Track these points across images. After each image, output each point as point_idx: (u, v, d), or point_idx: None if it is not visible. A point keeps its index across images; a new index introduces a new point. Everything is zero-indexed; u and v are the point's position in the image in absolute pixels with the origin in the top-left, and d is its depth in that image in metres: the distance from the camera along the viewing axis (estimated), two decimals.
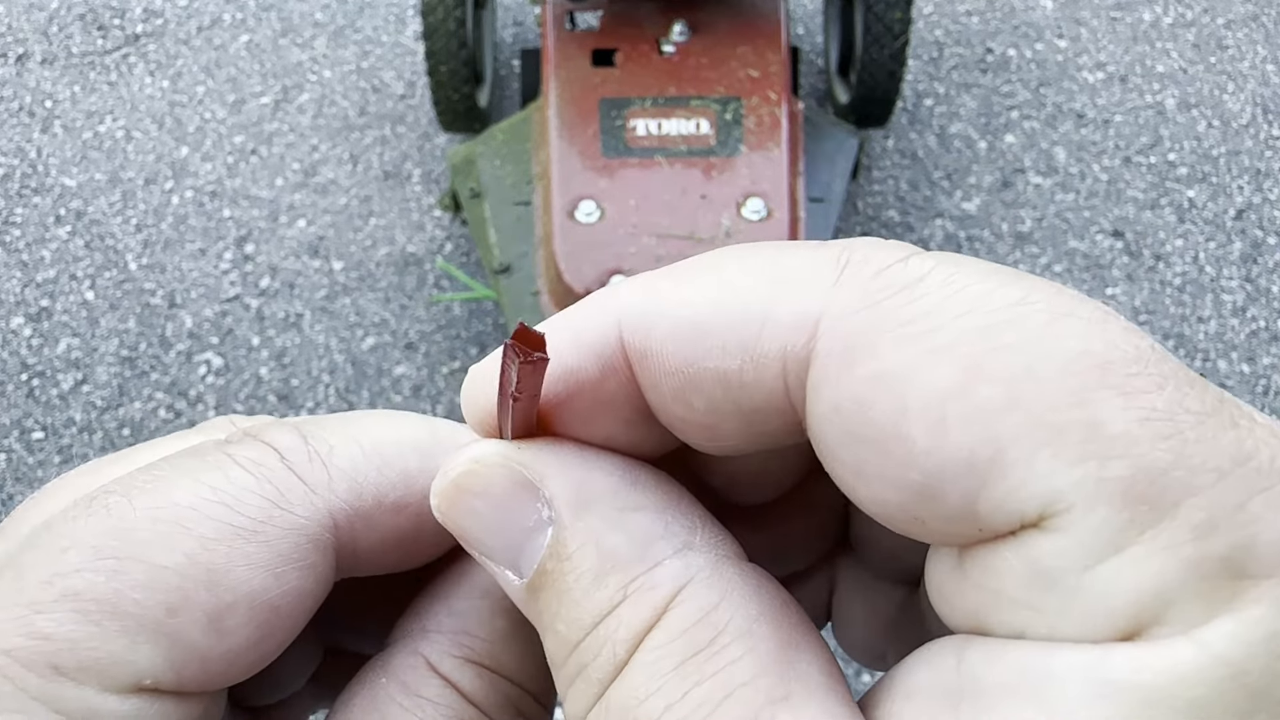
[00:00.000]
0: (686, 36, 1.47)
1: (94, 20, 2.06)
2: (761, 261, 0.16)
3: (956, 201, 1.74)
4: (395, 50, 1.99)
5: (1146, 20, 2.04)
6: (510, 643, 0.20)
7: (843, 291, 0.14)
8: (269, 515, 0.18)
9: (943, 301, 0.14)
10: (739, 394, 0.15)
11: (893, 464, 0.14)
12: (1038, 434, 0.13)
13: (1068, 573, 0.13)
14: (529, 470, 0.17)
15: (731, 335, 0.15)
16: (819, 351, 0.14)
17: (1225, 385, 1.53)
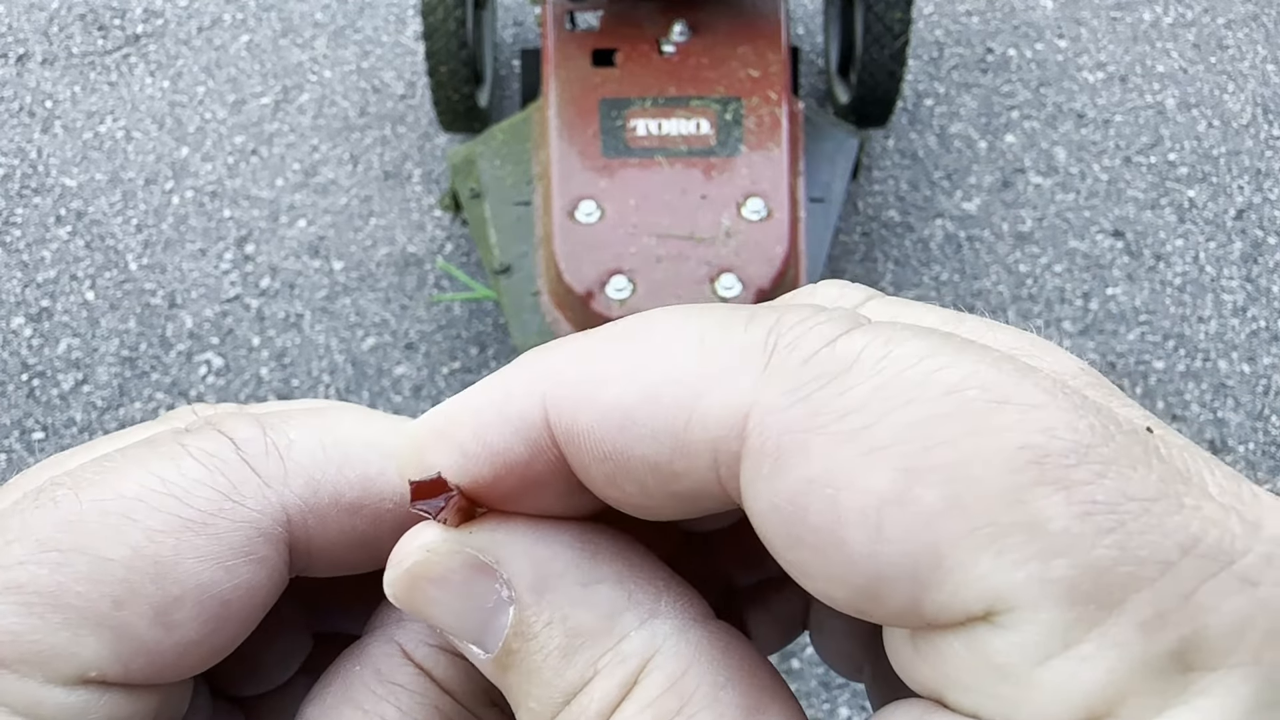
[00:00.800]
0: (686, 36, 1.47)
1: (94, 20, 2.06)
2: (690, 339, 0.15)
3: (957, 201, 1.74)
4: (395, 50, 1.99)
5: (1147, 20, 2.04)
6: None
7: (771, 383, 0.14)
8: (219, 508, 0.18)
9: (876, 391, 0.14)
10: (671, 481, 0.15)
11: (832, 566, 0.14)
12: (979, 537, 0.13)
13: (1017, 667, 0.13)
14: (484, 554, 0.16)
15: (660, 425, 0.15)
16: (749, 449, 0.14)
17: (1225, 385, 1.53)
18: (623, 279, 1.25)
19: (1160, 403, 1.51)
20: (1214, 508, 0.14)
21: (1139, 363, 1.56)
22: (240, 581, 0.18)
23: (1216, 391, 1.53)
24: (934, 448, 0.13)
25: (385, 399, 1.53)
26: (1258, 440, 1.48)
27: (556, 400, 0.16)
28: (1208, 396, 1.52)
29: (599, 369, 0.16)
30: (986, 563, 0.13)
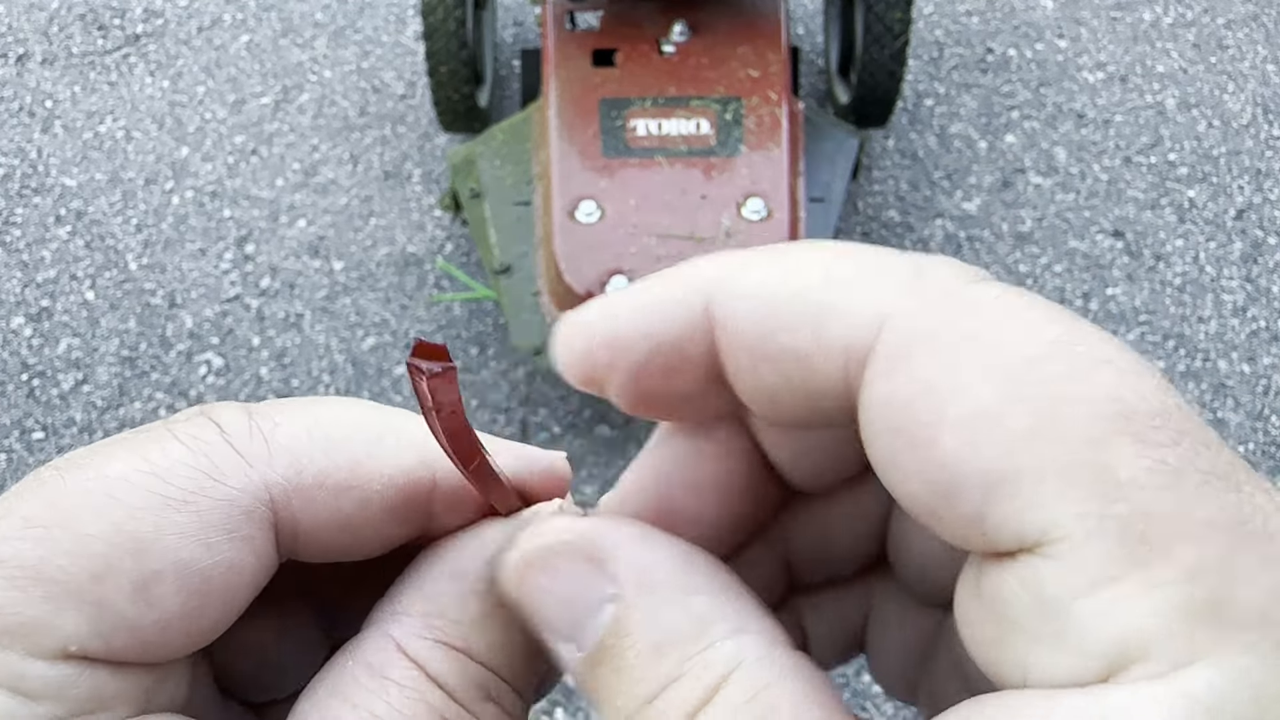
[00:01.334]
0: (687, 36, 1.47)
1: (94, 20, 2.06)
2: (846, 258, 0.17)
3: (957, 201, 1.74)
4: (395, 50, 1.99)
5: (1147, 20, 2.04)
6: (484, 626, 0.19)
7: (911, 298, 0.16)
8: (200, 486, 0.18)
9: (998, 325, 0.15)
10: (804, 372, 0.16)
11: (923, 461, 0.15)
12: (1052, 466, 0.14)
13: (1059, 599, 0.14)
14: (598, 549, 0.17)
15: (804, 318, 0.16)
16: (879, 347, 0.15)
17: (1225, 385, 1.53)
18: (623, 279, 1.25)
19: None
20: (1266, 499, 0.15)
21: None
22: (221, 559, 0.18)
23: (1216, 391, 1.53)
24: (1038, 382, 0.14)
25: (385, 399, 1.53)
26: (1257, 440, 1.48)
27: (720, 288, 0.17)
28: (1208, 396, 1.52)
29: (760, 268, 0.17)
30: (1052, 490, 0.14)
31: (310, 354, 1.57)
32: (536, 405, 1.51)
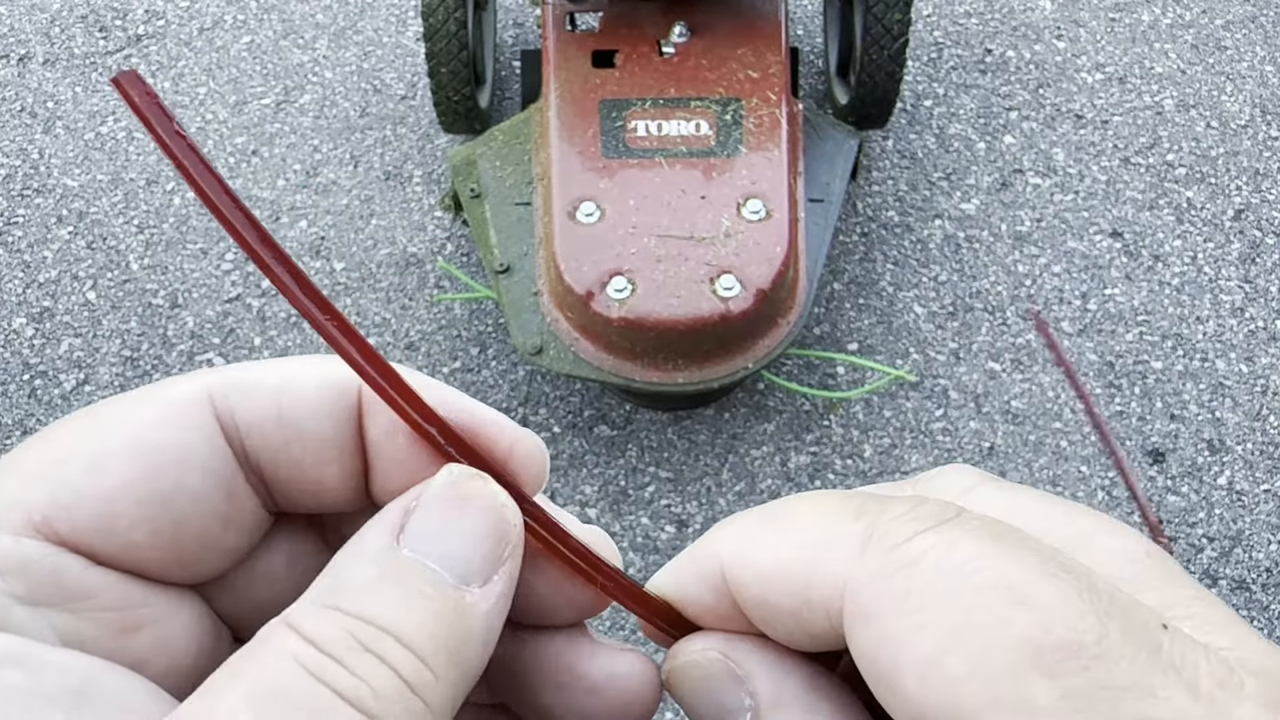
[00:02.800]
0: (686, 38, 1.48)
1: (96, 22, 2.06)
2: (817, 526, 0.20)
3: (955, 202, 1.75)
4: (396, 52, 1.99)
5: (1145, 21, 2.04)
6: (371, 589, 0.19)
7: (864, 564, 0.19)
8: (149, 393, 0.21)
9: (932, 581, 0.18)
10: (804, 624, 0.20)
11: (897, 700, 0.18)
12: (986, 701, 0.17)
13: None
14: (739, 667, 0.21)
15: (792, 588, 0.20)
16: (847, 610, 0.19)
17: (1223, 385, 1.54)
18: (623, 279, 1.25)
19: (1158, 403, 1.52)
20: (1185, 700, 0.17)
21: (1137, 363, 1.56)
22: (166, 435, 0.21)
23: (1215, 391, 1.53)
24: (963, 629, 0.18)
25: None
26: (1255, 440, 1.49)
27: (730, 564, 0.21)
28: (1206, 396, 1.53)
29: (755, 545, 0.21)
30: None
31: (311, 354, 1.57)
32: (536, 405, 1.51)
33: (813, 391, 1.49)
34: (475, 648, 0.20)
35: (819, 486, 1.43)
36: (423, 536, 0.20)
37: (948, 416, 1.50)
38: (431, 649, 0.19)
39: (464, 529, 0.20)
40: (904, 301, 1.62)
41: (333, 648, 0.18)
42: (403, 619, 0.19)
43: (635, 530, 1.39)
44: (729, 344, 1.28)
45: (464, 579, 0.20)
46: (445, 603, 0.19)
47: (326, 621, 0.18)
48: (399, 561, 0.19)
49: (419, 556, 0.19)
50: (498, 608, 0.20)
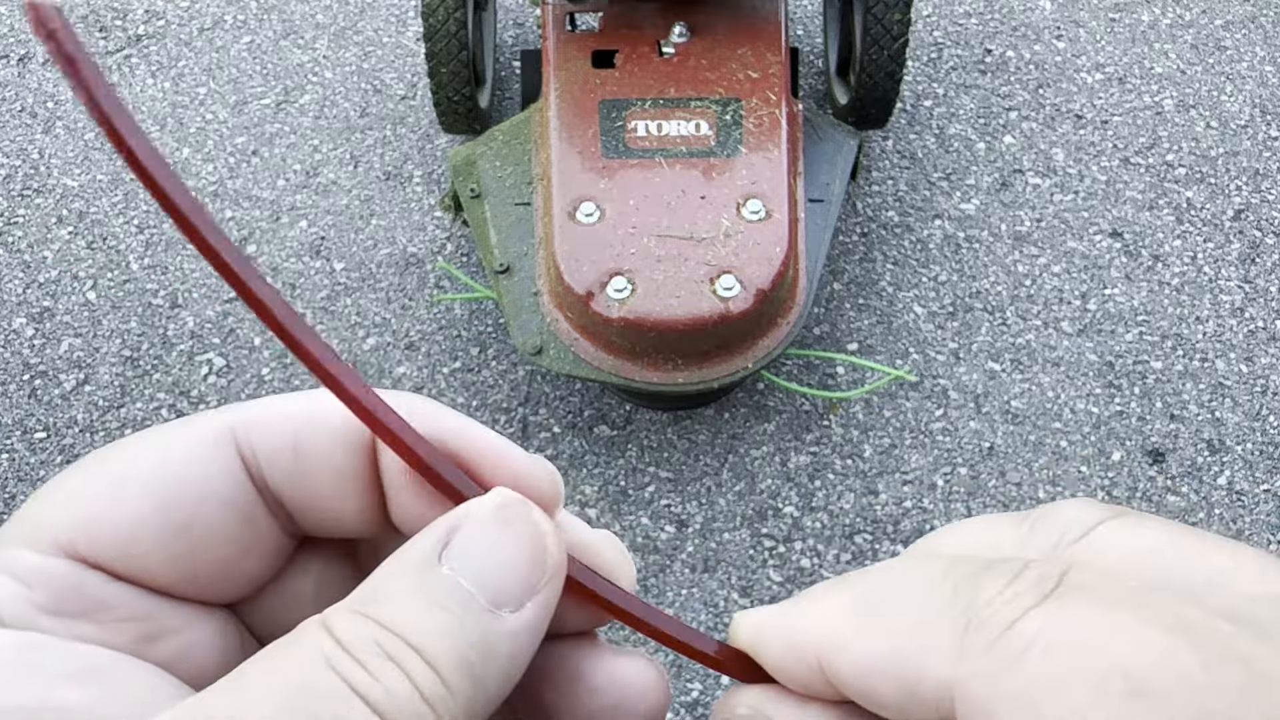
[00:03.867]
0: (686, 38, 1.48)
1: (95, 22, 2.07)
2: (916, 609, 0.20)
3: (955, 202, 1.75)
4: (396, 52, 2.00)
5: (1145, 21, 2.04)
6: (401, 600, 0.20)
7: (968, 661, 0.19)
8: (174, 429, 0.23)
9: (1043, 675, 0.18)
10: (912, 714, 0.20)
11: None
12: None
13: None
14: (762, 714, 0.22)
15: (897, 683, 0.20)
16: (959, 712, 0.19)
17: (1223, 385, 1.54)
18: (623, 280, 1.25)
19: (1158, 402, 1.52)
20: None
21: (1137, 363, 1.56)
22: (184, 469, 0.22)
23: (1214, 391, 1.53)
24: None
25: None
26: (1255, 440, 1.49)
27: (826, 658, 0.21)
28: (1205, 396, 1.53)
29: (854, 638, 0.21)
30: None
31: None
32: (536, 405, 1.51)
33: (813, 391, 1.49)
34: (499, 670, 0.20)
35: (819, 486, 1.43)
36: (464, 556, 0.20)
37: (947, 416, 1.50)
38: (450, 665, 0.19)
39: (504, 553, 0.20)
40: (904, 301, 1.62)
41: (358, 650, 0.19)
42: (426, 632, 0.19)
43: (635, 530, 1.39)
44: (729, 344, 1.28)
45: (497, 602, 0.20)
46: (473, 623, 0.20)
47: (357, 625, 0.19)
48: (436, 577, 0.20)
49: (456, 575, 0.20)
50: (528, 634, 0.20)
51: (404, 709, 0.19)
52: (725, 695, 0.23)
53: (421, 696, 0.19)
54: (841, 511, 1.41)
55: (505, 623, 0.20)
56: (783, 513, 1.40)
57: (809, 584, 1.34)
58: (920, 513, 1.40)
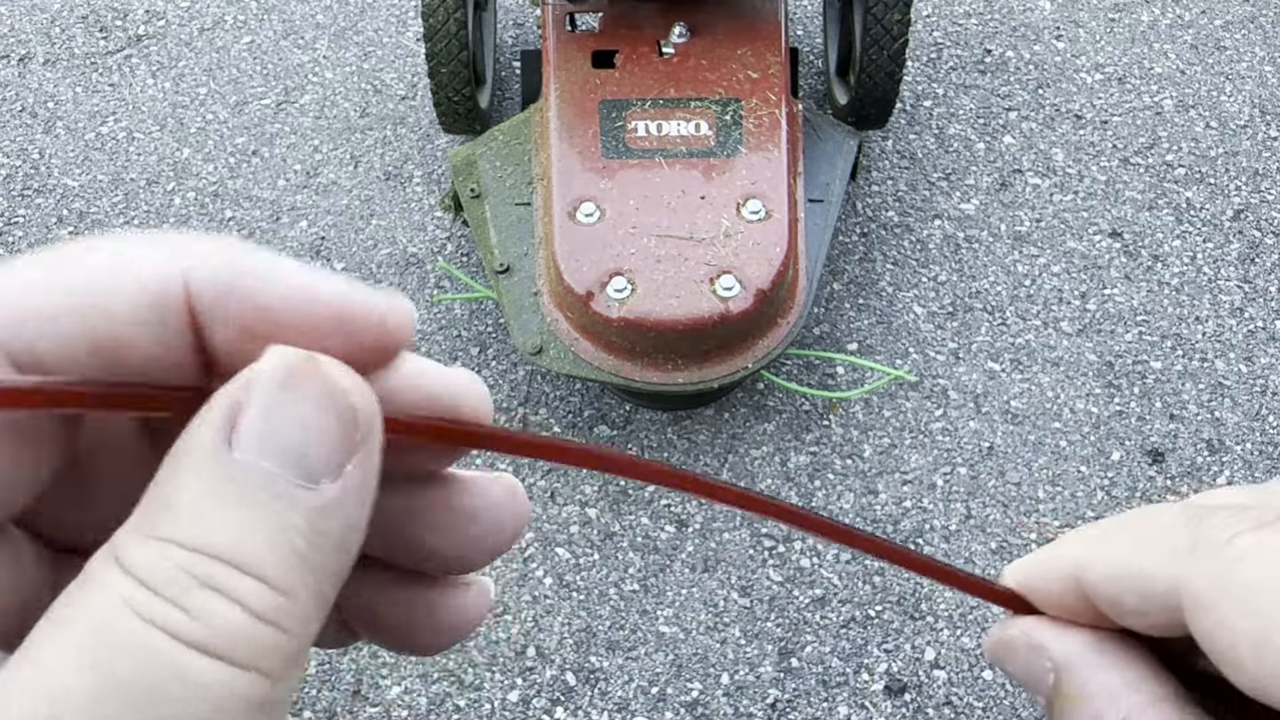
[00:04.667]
0: (686, 38, 1.48)
1: (96, 22, 2.07)
2: (1157, 531, 0.23)
3: (955, 202, 1.75)
4: (396, 52, 2.00)
5: (1144, 21, 2.05)
6: (202, 508, 0.17)
7: (1195, 564, 0.22)
8: None
9: (1256, 574, 0.21)
10: (1148, 614, 0.23)
11: (1236, 674, 0.21)
12: None
13: None
14: (1038, 642, 0.25)
15: (1138, 585, 0.23)
16: (1185, 604, 0.22)
17: (1223, 385, 1.54)
18: (622, 280, 1.26)
19: (1158, 402, 1.52)
20: None
21: (1136, 363, 1.56)
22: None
23: (1214, 391, 1.54)
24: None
25: None
26: (1255, 440, 1.49)
27: (1083, 567, 0.24)
28: (1205, 396, 1.53)
29: (1108, 551, 0.24)
30: None
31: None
32: (537, 405, 1.51)
33: (812, 391, 1.49)
34: (334, 551, 0.17)
35: (819, 486, 1.43)
36: (255, 435, 0.17)
37: (947, 416, 1.50)
38: (279, 568, 0.17)
39: (304, 419, 0.17)
40: (903, 301, 1.62)
41: (165, 588, 0.16)
42: (236, 540, 0.16)
43: (635, 530, 1.39)
44: (729, 344, 1.28)
45: (310, 476, 0.17)
46: (289, 510, 0.17)
47: (156, 554, 0.16)
48: (230, 468, 0.17)
49: (253, 459, 0.17)
50: (356, 500, 0.18)
51: (240, 641, 0.16)
52: (997, 628, 0.26)
53: (257, 618, 0.16)
54: (841, 511, 1.41)
55: (326, 494, 0.17)
56: None
57: (809, 584, 1.35)
58: (920, 512, 1.41)
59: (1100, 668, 0.25)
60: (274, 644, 0.16)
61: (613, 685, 1.27)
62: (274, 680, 0.16)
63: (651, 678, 1.27)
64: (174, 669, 0.15)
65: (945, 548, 1.37)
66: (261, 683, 0.16)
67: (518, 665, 1.28)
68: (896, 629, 1.31)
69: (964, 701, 1.26)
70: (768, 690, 1.27)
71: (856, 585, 1.34)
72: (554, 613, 1.32)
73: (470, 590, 0.23)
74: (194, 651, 0.16)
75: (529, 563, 1.36)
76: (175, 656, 0.15)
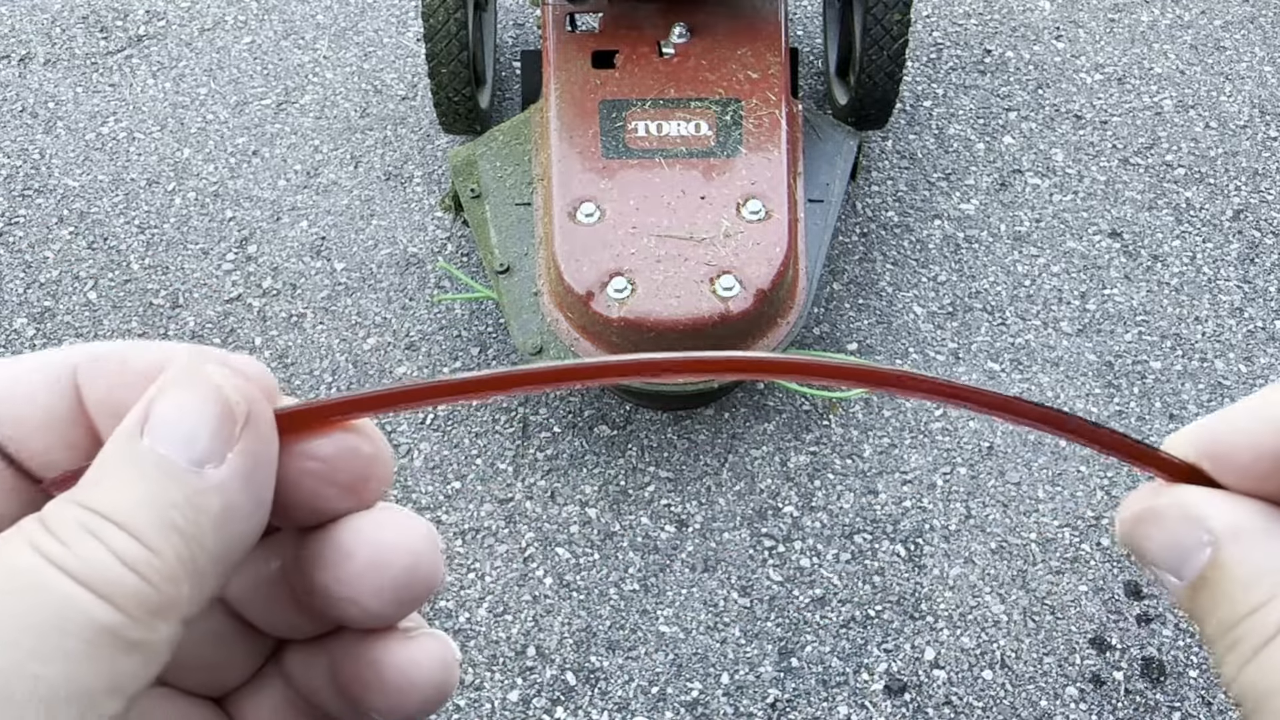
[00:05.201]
0: (686, 38, 1.48)
1: (96, 22, 2.07)
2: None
3: (955, 202, 1.75)
4: (397, 52, 2.00)
5: (1144, 21, 2.05)
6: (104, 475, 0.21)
7: None
8: None
9: None
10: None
11: None
12: None
13: None
14: (1195, 509, 0.23)
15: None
16: None
17: (1222, 385, 1.54)
18: (622, 280, 1.26)
19: (1157, 402, 1.52)
20: None
21: (1136, 362, 1.56)
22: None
23: (1214, 391, 1.54)
24: None
25: None
26: None
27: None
28: (1204, 396, 1.53)
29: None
30: None
31: (312, 354, 1.58)
32: (537, 405, 1.51)
33: (812, 391, 1.49)
34: (214, 524, 0.21)
35: (819, 486, 1.43)
36: (160, 424, 0.21)
37: (947, 416, 1.50)
38: (151, 529, 0.20)
39: (191, 411, 0.21)
40: (903, 301, 1.62)
41: (60, 529, 0.20)
42: (122, 503, 0.20)
43: (635, 530, 1.39)
44: (729, 344, 1.28)
45: (196, 461, 0.21)
46: (173, 485, 0.20)
47: (65, 509, 0.20)
48: (136, 451, 0.21)
49: (154, 444, 0.21)
50: (238, 481, 0.21)
51: (103, 574, 0.19)
52: (1136, 497, 0.24)
53: (121, 561, 0.20)
54: (841, 511, 1.41)
55: (208, 478, 0.21)
56: (782, 512, 1.41)
57: (809, 584, 1.35)
58: (920, 512, 1.41)
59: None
60: (134, 588, 0.19)
61: (613, 685, 1.27)
62: (131, 620, 0.19)
63: (651, 677, 1.28)
64: (51, 589, 0.19)
65: (945, 547, 1.37)
66: (117, 616, 0.19)
67: (518, 665, 1.28)
68: (896, 629, 1.31)
69: (964, 701, 1.26)
70: (768, 690, 1.27)
71: (856, 585, 1.34)
72: (554, 612, 1.32)
73: (414, 643, 0.24)
74: (67, 576, 0.19)
75: (529, 562, 1.36)
76: (53, 579, 0.19)
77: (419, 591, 0.23)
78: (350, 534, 0.23)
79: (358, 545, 0.23)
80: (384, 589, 0.23)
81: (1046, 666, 1.28)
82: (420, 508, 1.41)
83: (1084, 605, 1.32)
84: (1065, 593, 1.33)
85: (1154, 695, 1.26)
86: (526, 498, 1.42)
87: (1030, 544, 1.38)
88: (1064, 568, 1.35)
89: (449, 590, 1.34)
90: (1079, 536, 1.38)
